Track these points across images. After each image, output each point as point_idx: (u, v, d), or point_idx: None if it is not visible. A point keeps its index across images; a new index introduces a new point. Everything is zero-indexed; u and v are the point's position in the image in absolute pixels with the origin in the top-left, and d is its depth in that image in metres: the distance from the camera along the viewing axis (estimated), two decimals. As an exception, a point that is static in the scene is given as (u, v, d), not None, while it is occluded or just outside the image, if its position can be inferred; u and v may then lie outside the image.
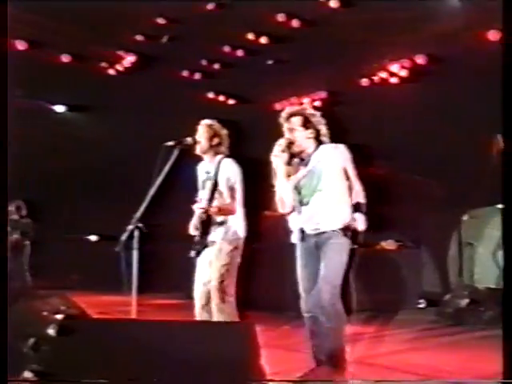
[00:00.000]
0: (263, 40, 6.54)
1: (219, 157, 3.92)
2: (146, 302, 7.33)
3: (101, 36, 6.48)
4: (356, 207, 3.45)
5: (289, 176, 3.47)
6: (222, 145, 3.97)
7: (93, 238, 8.83)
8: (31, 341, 3.37)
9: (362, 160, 7.58)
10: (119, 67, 7.09)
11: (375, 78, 7.29)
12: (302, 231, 3.39)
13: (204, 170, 4.05)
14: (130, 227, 3.32)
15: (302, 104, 7.94)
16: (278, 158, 3.46)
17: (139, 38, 6.57)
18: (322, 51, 6.55)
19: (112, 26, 6.22)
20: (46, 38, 6.51)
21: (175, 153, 3.58)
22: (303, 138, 3.46)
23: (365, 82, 7.36)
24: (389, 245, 6.97)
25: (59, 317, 3.66)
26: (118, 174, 8.08)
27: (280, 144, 3.47)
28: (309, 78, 7.35)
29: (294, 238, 3.44)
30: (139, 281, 3.40)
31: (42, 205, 8.01)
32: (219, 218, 3.85)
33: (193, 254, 3.83)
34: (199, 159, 4.15)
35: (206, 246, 3.85)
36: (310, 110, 3.59)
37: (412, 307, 6.34)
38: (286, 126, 3.51)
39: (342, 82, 7.41)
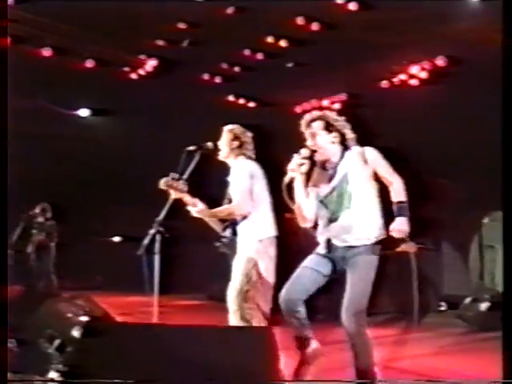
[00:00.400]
0: (283, 43, 6.57)
1: (239, 159, 3.89)
2: (169, 302, 7.49)
3: (123, 41, 6.59)
4: (397, 209, 3.31)
5: (314, 186, 3.33)
6: (244, 147, 3.87)
7: (116, 239, 8.96)
8: (56, 342, 3.45)
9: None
10: (141, 72, 7.20)
11: (395, 80, 7.27)
12: (329, 243, 3.30)
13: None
14: (152, 231, 3.35)
15: (322, 106, 7.97)
16: (296, 169, 3.30)
17: (160, 42, 6.66)
18: (341, 53, 6.56)
19: (133, 31, 6.31)
20: (70, 44, 6.63)
21: (196, 157, 3.60)
22: (327, 143, 3.30)
23: (384, 84, 7.34)
24: (409, 247, 6.93)
25: (83, 319, 3.71)
26: (141, 177, 8.17)
27: (300, 153, 3.32)
28: (329, 81, 7.36)
29: (321, 249, 3.34)
30: (161, 282, 3.44)
31: (67, 207, 8.17)
32: (239, 219, 3.76)
33: (224, 251, 3.83)
34: (222, 164, 4.10)
35: (233, 247, 3.79)
36: (333, 114, 3.43)
37: (433, 310, 6.29)
38: (307, 132, 3.35)
39: (361, 85, 7.39)
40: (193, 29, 6.28)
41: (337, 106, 7.91)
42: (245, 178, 3.70)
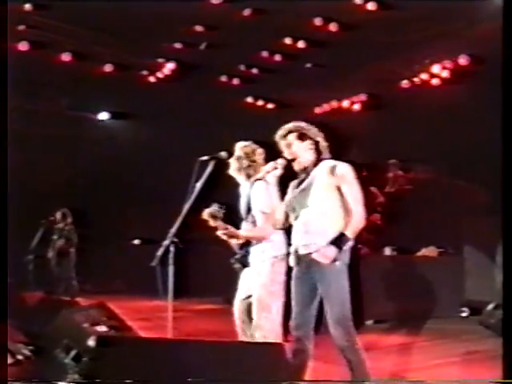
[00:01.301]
0: (301, 44, 6.52)
1: (252, 179, 3.80)
2: (186, 307, 7.53)
3: (141, 45, 6.61)
4: (337, 239, 3.15)
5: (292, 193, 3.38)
6: (253, 167, 3.81)
7: (136, 242, 8.99)
8: (72, 352, 3.46)
9: (404, 164, 7.54)
10: (159, 75, 7.24)
11: (416, 80, 7.15)
12: (297, 253, 3.27)
13: (242, 192, 3.93)
14: (166, 242, 3.21)
15: (341, 107, 8.02)
16: (271, 170, 3.41)
17: (178, 45, 6.67)
18: (360, 54, 6.47)
19: (151, 35, 6.32)
20: (88, 49, 6.68)
21: (209, 167, 3.46)
22: (302, 150, 3.33)
23: (405, 83, 7.22)
24: (430, 251, 6.84)
25: (100, 329, 3.78)
26: (160, 179, 8.23)
27: (274, 161, 3.41)
28: (348, 81, 7.30)
29: (291, 261, 3.34)
30: (178, 285, 3.34)
31: (87, 212, 8.21)
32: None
33: (237, 267, 3.80)
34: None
35: (246, 264, 3.76)
36: (305, 124, 3.40)
37: (454, 316, 6.16)
38: (282, 143, 3.39)
39: (381, 85, 7.29)
40: (210, 31, 6.27)
41: (357, 106, 7.91)
42: (266, 204, 3.70)
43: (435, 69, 6.90)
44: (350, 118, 7.78)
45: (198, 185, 3.38)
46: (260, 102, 8.04)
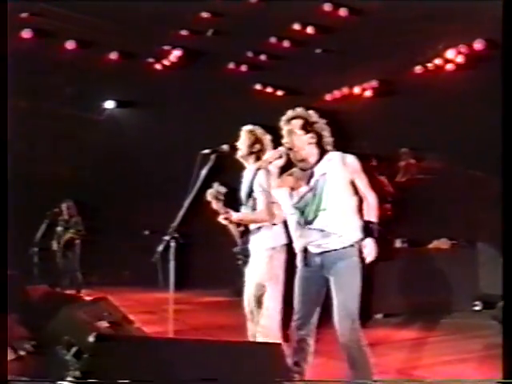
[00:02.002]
0: (310, 30, 6.35)
1: (255, 166, 3.70)
2: (193, 299, 7.43)
3: (146, 32, 6.47)
4: (366, 229, 3.09)
5: (292, 189, 3.19)
6: (263, 151, 3.72)
7: (146, 232, 8.86)
8: (73, 349, 3.40)
9: (417, 153, 7.33)
10: (166, 62, 7.10)
11: (429, 66, 6.94)
12: (306, 251, 3.14)
13: (245, 177, 3.84)
14: (167, 238, 3.12)
15: (352, 94, 7.81)
16: (272, 160, 3.26)
17: (184, 32, 6.54)
18: (371, 39, 6.28)
19: (157, 22, 6.19)
20: (93, 36, 6.57)
21: (211, 160, 3.36)
22: (304, 144, 3.16)
23: (418, 69, 7.02)
24: (442, 244, 6.68)
25: (102, 324, 3.65)
26: (168, 169, 8.11)
27: (277, 150, 3.25)
28: (359, 68, 7.07)
29: (298, 261, 3.20)
30: (184, 277, 3.32)
31: (92, 203, 8.09)
32: (252, 226, 3.66)
33: (240, 262, 3.69)
34: (239, 166, 3.93)
35: (247, 255, 3.67)
36: (314, 115, 3.22)
37: (467, 309, 6.01)
38: (285, 129, 3.21)
39: (394, 71, 7.09)
40: (217, 18, 6.13)
41: (368, 93, 7.72)
42: (268, 189, 3.60)
43: (449, 54, 6.67)
44: (361, 104, 7.59)
45: (200, 179, 3.29)
46: (269, 89, 7.86)
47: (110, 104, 8.15)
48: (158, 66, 7.16)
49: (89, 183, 8.60)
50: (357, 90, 7.72)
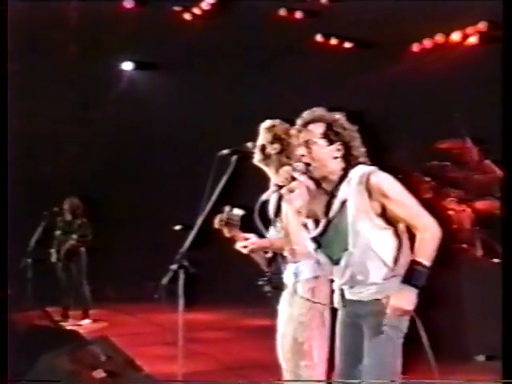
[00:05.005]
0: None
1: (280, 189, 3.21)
2: (233, 323, 6.35)
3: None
4: (410, 273, 2.55)
5: (308, 217, 2.78)
6: (286, 153, 3.21)
7: (177, 227, 7.64)
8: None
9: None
10: (196, 11, 6.29)
11: None
12: (342, 295, 2.81)
13: (272, 186, 3.35)
14: (174, 267, 2.82)
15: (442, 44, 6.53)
16: (288, 194, 2.79)
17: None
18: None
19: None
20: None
21: (232, 164, 3.02)
22: (327, 157, 2.68)
23: None
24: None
25: (96, 374, 3.24)
26: (196, 153, 6.79)
27: (296, 168, 2.70)
28: (457, 8, 5.55)
29: (335, 300, 2.88)
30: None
31: (102, 201, 6.78)
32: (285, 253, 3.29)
33: (268, 291, 3.29)
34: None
35: (278, 288, 3.28)
36: (341, 118, 2.70)
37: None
38: (300, 138, 2.72)
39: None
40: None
41: (473, 39, 6.26)
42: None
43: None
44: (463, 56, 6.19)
45: (217, 190, 3.02)
46: (333, 41, 6.80)
47: (127, 65, 7.03)
48: (186, 16, 6.26)
49: (99, 174, 7.37)
50: (456, 36, 6.31)
